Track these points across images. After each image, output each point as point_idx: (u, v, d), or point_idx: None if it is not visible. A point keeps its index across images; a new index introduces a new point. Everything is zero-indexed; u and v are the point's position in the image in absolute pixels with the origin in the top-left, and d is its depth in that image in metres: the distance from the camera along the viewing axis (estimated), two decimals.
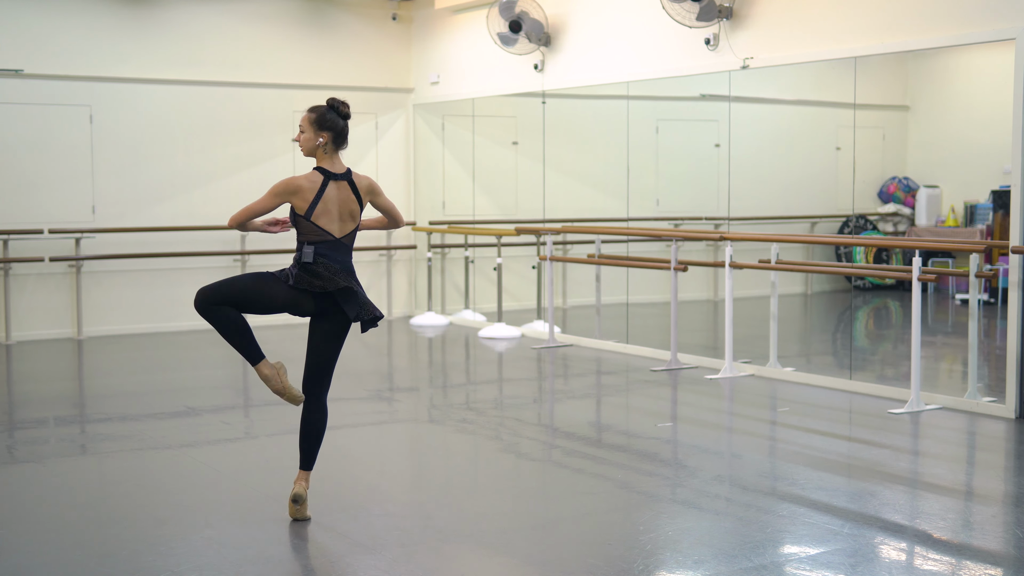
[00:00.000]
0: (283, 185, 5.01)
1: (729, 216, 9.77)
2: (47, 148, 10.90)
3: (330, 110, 5.08)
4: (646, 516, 5.20)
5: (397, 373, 9.43)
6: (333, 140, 5.07)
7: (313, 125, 5.05)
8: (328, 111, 5.07)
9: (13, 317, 10.76)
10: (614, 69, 10.16)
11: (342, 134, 5.10)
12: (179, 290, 11.50)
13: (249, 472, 6.07)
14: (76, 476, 6.08)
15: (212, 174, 11.65)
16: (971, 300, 7.56)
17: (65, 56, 10.90)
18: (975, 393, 7.43)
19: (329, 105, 5.10)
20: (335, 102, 5.10)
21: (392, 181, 12.61)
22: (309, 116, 5.07)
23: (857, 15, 8.13)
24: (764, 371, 8.71)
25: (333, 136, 5.06)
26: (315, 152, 5.07)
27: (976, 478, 6.08)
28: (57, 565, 4.60)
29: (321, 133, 5.05)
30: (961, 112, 12.27)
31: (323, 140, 5.05)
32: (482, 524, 5.14)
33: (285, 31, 11.93)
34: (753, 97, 10.77)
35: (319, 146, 5.05)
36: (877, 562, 4.57)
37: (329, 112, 5.07)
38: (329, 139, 5.05)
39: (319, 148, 5.05)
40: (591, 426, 7.27)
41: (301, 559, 4.71)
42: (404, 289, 12.80)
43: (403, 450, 6.77)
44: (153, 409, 7.71)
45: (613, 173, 10.86)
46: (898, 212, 12.73)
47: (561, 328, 10.97)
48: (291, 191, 5.00)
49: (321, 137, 5.05)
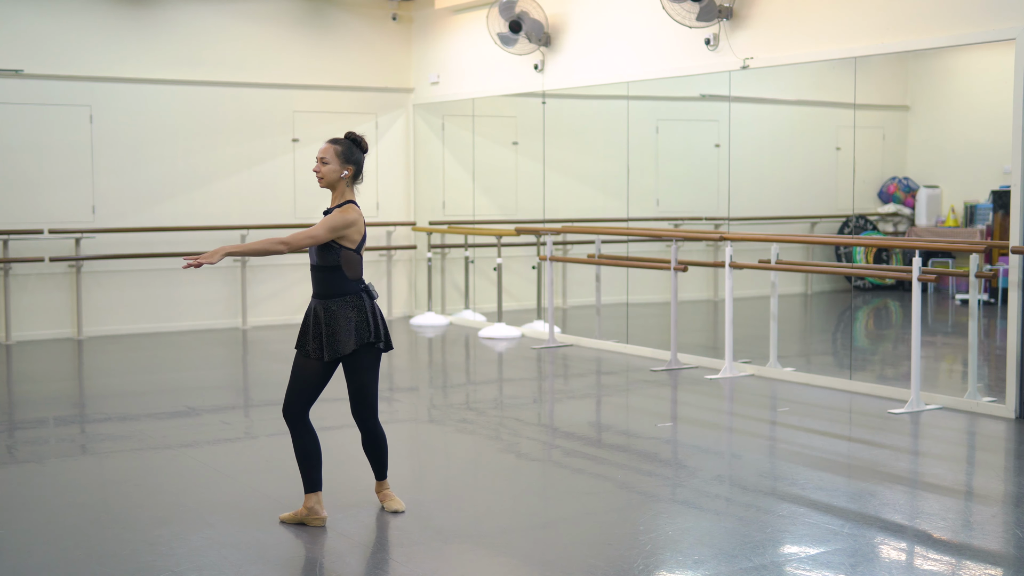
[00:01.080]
0: (341, 219, 4.93)
1: (729, 216, 9.77)
2: (47, 148, 10.90)
3: (353, 144, 5.07)
4: (646, 516, 5.20)
5: (397, 373, 9.43)
6: (354, 174, 5.07)
7: (339, 157, 5.02)
8: (352, 145, 5.07)
9: (13, 317, 10.76)
10: (614, 69, 10.16)
11: (361, 168, 5.11)
12: (179, 290, 11.52)
13: (249, 472, 6.07)
14: (76, 476, 6.08)
15: (212, 174, 11.65)
16: (971, 300, 7.56)
17: (65, 56, 10.90)
18: (975, 393, 7.43)
19: (352, 140, 5.08)
20: (356, 136, 5.10)
21: (392, 181, 12.62)
22: (335, 148, 5.04)
23: (857, 15, 8.13)
24: (764, 371, 8.71)
25: (356, 170, 5.07)
26: (336, 184, 5.05)
27: (976, 478, 6.08)
28: (57, 565, 4.60)
29: (347, 166, 5.04)
30: (961, 112, 12.27)
31: (348, 173, 5.04)
32: (482, 524, 5.14)
33: (285, 31, 11.93)
34: (753, 97, 10.77)
35: (343, 179, 5.04)
36: (877, 562, 4.57)
37: (353, 146, 5.07)
38: (352, 172, 5.06)
39: (342, 181, 5.04)
40: (591, 426, 7.27)
41: (302, 559, 4.71)
42: (404, 289, 12.81)
43: (403, 450, 6.77)
44: (153, 409, 7.71)
45: (613, 173, 10.86)
46: (898, 212, 12.73)
47: (561, 328, 10.97)
48: (348, 225, 4.95)
49: (346, 170, 5.03)
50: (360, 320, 4.98)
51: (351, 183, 5.08)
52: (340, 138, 5.10)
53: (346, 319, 4.96)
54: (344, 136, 5.11)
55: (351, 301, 4.98)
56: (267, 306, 11.93)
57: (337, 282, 4.98)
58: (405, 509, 5.23)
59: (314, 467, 5.02)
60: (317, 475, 5.03)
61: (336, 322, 4.95)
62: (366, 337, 4.98)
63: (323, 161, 5.03)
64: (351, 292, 4.99)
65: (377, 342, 5.03)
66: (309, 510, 5.02)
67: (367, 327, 4.99)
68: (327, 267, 4.97)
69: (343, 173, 5.03)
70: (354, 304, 4.98)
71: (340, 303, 4.97)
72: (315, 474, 5.02)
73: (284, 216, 11.82)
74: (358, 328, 4.97)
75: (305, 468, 5.02)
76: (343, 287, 4.98)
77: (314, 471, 5.02)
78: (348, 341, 4.95)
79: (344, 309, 4.96)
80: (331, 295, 4.98)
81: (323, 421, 6.79)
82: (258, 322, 11.86)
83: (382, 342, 5.07)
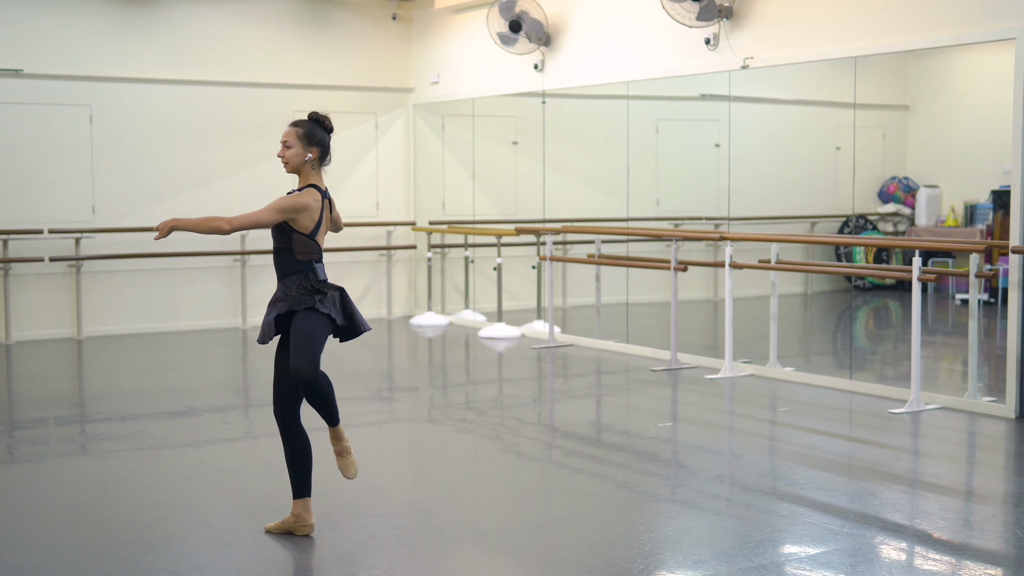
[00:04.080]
0: (290, 203, 4.79)
1: (729, 216, 9.77)
2: (47, 148, 10.90)
3: (316, 124, 4.92)
4: (646, 516, 5.20)
5: (397, 373, 9.42)
6: (320, 156, 4.92)
7: (302, 140, 4.87)
8: (315, 125, 4.91)
9: (13, 317, 10.76)
10: (614, 69, 10.16)
11: (328, 149, 4.95)
12: (179, 290, 11.52)
13: (249, 472, 6.07)
14: (76, 476, 6.08)
15: (212, 174, 11.65)
16: (971, 300, 7.56)
17: (65, 56, 10.90)
18: (975, 393, 7.43)
19: (314, 119, 4.93)
20: (319, 116, 4.95)
21: (392, 181, 12.62)
22: (296, 131, 4.89)
23: (857, 15, 8.12)
24: (764, 371, 8.71)
25: (321, 152, 4.91)
26: (301, 168, 4.91)
27: (976, 478, 6.08)
28: (57, 565, 4.60)
29: (310, 148, 4.88)
30: (961, 112, 12.26)
31: (312, 156, 4.89)
32: (482, 524, 5.14)
33: (285, 31, 11.93)
34: (753, 97, 10.77)
35: (307, 161, 4.89)
36: (877, 562, 4.57)
37: (316, 126, 4.91)
38: (317, 154, 4.90)
39: (307, 163, 4.90)
40: (591, 426, 7.27)
41: (301, 559, 4.71)
42: (404, 289, 12.80)
43: (403, 450, 6.76)
44: (153, 409, 7.71)
45: (613, 173, 10.86)
46: (898, 212, 12.73)
47: (561, 328, 10.97)
48: (298, 209, 4.80)
49: (310, 152, 4.88)
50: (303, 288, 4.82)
51: (316, 165, 4.91)
52: (302, 119, 4.95)
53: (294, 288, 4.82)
54: (307, 116, 4.97)
55: (298, 279, 4.83)
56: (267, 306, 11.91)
57: (288, 262, 4.84)
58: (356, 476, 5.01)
59: (303, 472, 4.92)
60: (307, 481, 4.93)
61: (287, 297, 4.82)
62: (307, 303, 4.80)
63: (286, 145, 4.89)
64: (301, 271, 4.85)
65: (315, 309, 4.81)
66: (297, 517, 4.91)
67: (309, 295, 4.82)
68: (280, 248, 4.85)
69: (307, 156, 4.88)
70: (300, 281, 4.83)
71: (290, 281, 4.83)
72: (305, 479, 4.92)
73: None
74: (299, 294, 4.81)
75: (295, 473, 4.92)
76: (293, 267, 4.84)
77: (304, 476, 4.92)
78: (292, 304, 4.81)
79: (291, 284, 4.83)
80: (284, 275, 4.84)
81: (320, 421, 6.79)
82: (258, 322, 11.85)
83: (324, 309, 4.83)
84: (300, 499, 4.93)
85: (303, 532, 4.93)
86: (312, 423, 5.19)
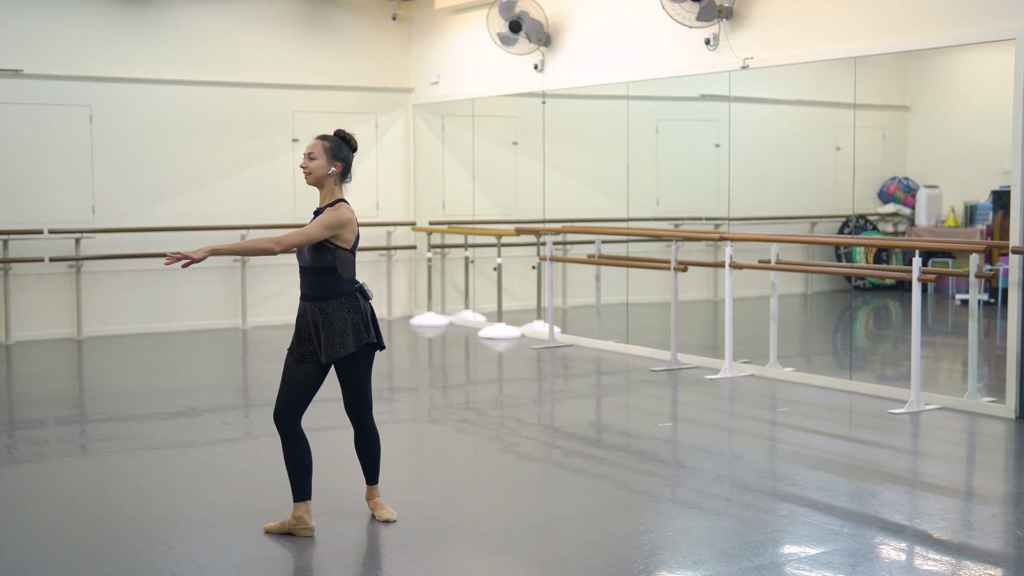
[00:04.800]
0: (335, 218, 4.84)
1: (729, 216, 9.77)
2: (47, 148, 10.90)
3: (343, 141, 5.00)
4: (646, 516, 5.20)
5: (397, 373, 9.43)
6: (342, 172, 4.99)
7: (327, 153, 4.93)
8: (341, 142, 4.99)
9: (13, 317, 10.75)
10: (614, 69, 10.16)
11: (350, 166, 5.03)
12: (179, 290, 11.52)
13: (249, 472, 6.07)
14: (76, 476, 6.08)
15: (212, 174, 11.65)
16: (971, 300, 7.56)
17: (65, 56, 10.90)
18: (975, 393, 7.43)
19: (340, 136, 5.01)
20: (345, 133, 5.03)
21: (392, 181, 12.62)
22: (323, 144, 4.95)
23: (857, 15, 8.13)
24: (764, 371, 8.71)
25: (344, 168, 4.98)
26: (323, 181, 4.96)
27: (976, 478, 6.08)
28: (57, 565, 4.60)
29: (334, 163, 4.94)
30: (961, 112, 12.26)
31: (335, 170, 4.95)
32: (482, 524, 5.14)
33: (285, 31, 11.93)
34: (753, 97, 10.76)
35: (330, 175, 4.95)
36: (877, 562, 4.57)
37: (342, 143, 4.99)
38: (340, 170, 4.97)
39: (330, 178, 4.95)
40: (591, 426, 7.27)
41: (301, 559, 4.71)
42: (404, 289, 12.80)
43: (403, 450, 6.76)
44: (153, 409, 7.71)
45: (613, 173, 10.86)
46: (898, 212, 12.73)
47: (561, 328, 10.97)
48: (343, 224, 4.86)
49: (334, 167, 4.94)
50: (357, 321, 4.91)
51: (339, 181, 4.98)
52: (329, 135, 5.02)
53: (342, 321, 4.88)
54: (333, 133, 5.04)
55: (346, 302, 4.90)
56: (267, 306, 11.93)
57: (331, 283, 4.89)
58: (397, 519, 5.11)
59: (304, 475, 4.93)
60: (307, 484, 4.94)
61: (332, 324, 4.87)
62: (364, 338, 4.92)
63: (311, 157, 4.94)
64: (346, 293, 4.91)
65: (375, 343, 4.99)
66: (297, 519, 4.92)
67: (365, 328, 4.93)
68: (321, 268, 4.88)
69: (331, 170, 4.93)
70: (349, 305, 4.91)
71: (335, 304, 4.88)
72: (305, 483, 4.93)
73: (284, 216, 11.82)
74: (355, 329, 4.90)
75: (295, 476, 4.93)
76: (338, 288, 4.90)
77: (304, 479, 4.93)
78: (347, 343, 4.88)
79: (339, 311, 4.88)
80: (325, 297, 4.89)
81: (320, 422, 6.80)
82: (258, 322, 11.86)
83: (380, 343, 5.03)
84: (301, 502, 4.94)
85: (304, 535, 4.94)
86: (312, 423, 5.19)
